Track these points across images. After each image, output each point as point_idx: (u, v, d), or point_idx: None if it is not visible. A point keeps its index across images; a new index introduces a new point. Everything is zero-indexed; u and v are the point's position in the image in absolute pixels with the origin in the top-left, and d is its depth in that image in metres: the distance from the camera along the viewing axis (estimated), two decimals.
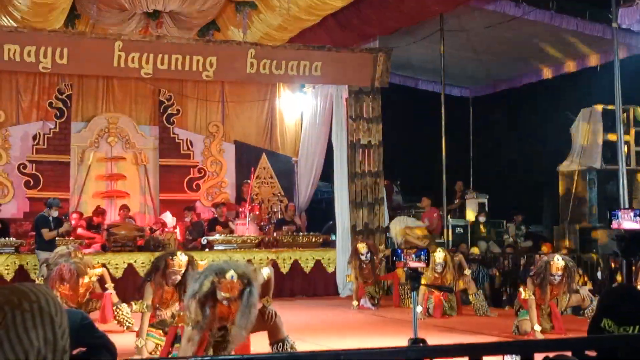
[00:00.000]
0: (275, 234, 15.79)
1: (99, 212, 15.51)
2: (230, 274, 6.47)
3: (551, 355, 2.97)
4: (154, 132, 17.15)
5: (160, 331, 8.46)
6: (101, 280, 10.60)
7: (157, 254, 10.60)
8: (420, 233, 14.87)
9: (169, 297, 8.42)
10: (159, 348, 8.25)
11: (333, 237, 15.69)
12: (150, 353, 8.20)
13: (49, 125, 16.30)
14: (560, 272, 9.53)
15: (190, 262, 8.29)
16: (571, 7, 14.22)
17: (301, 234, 16.03)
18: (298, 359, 2.94)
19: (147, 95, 17.15)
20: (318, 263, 15.42)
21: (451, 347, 3.33)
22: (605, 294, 3.42)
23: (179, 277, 8.22)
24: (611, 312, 3.01)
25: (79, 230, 14.81)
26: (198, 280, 6.61)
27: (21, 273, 13.33)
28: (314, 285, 15.39)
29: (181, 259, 8.23)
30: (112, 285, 10.58)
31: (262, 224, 16.28)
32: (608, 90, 12.86)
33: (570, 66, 16.56)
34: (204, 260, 10.16)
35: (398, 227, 14.92)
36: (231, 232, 15.44)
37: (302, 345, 7.68)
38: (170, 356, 7.63)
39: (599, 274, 12.39)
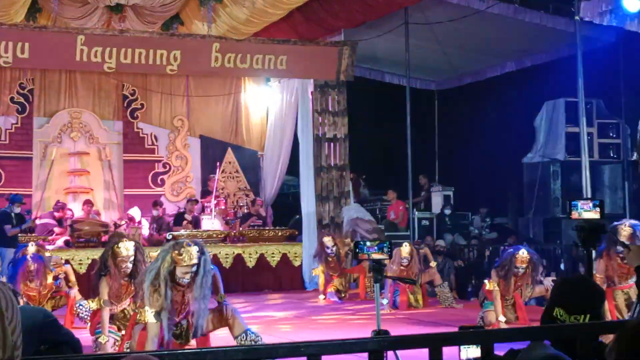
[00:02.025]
0: (241, 228, 15.77)
1: (59, 206, 15.35)
2: (187, 242, 6.87)
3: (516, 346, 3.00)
4: (117, 127, 17.02)
5: (115, 326, 8.47)
6: (65, 277, 10.54)
7: None
8: (369, 227, 14.99)
9: (123, 291, 8.44)
10: (117, 343, 8.24)
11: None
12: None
13: (11, 120, 16.11)
14: (524, 265, 9.64)
15: (137, 248, 8.37)
16: (534, 1, 14.32)
17: (267, 228, 16.02)
18: (257, 351, 2.94)
19: (110, 90, 16.99)
20: (284, 257, 15.44)
21: (411, 338, 3.36)
22: (558, 284, 3.46)
23: (129, 266, 8.27)
24: (563, 302, 3.06)
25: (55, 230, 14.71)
26: (157, 261, 6.79)
27: None
28: (281, 279, 15.40)
29: (127, 244, 8.27)
30: (76, 283, 10.54)
31: (227, 218, 16.24)
32: (571, 82, 12.98)
33: (534, 59, 16.70)
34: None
35: (349, 216, 15.07)
36: (195, 226, 15.40)
37: (268, 338, 7.68)
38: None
39: (562, 265, 12.53)
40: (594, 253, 6.43)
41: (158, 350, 5.30)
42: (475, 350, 2.97)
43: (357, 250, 4.94)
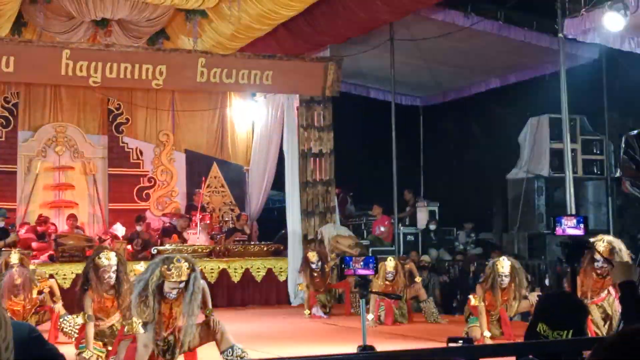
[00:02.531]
0: (226, 243, 15.75)
1: (42, 220, 15.28)
2: (177, 258, 6.86)
3: None
4: (102, 141, 16.98)
5: (100, 343, 8.45)
6: (50, 292, 10.50)
7: None
8: (351, 242, 15.04)
9: (109, 305, 8.43)
10: (100, 359, 8.23)
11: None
12: None
13: None
14: (507, 272, 9.70)
15: (119, 258, 8.42)
16: (518, 18, 14.44)
17: (252, 243, 16.01)
18: None
19: (95, 104, 16.97)
20: (269, 272, 15.43)
21: (400, 354, 3.38)
22: (541, 300, 3.49)
23: (112, 276, 8.29)
24: (546, 317, 3.08)
25: (33, 245, 14.62)
26: (147, 273, 6.80)
27: None
28: (266, 294, 15.39)
29: (108, 255, 8.31)
30: (60, 297, 10.50)
31: (213, 233, 16.22)
32: (555, 99, 13.07)
33: (518, 76, 16.80)
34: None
35: (329, 235, 15.12)
36: (184, 241, 15.37)
37: (254, 354, 7.69)
38: None
39: (546, 281, 12.59)
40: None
41: None
42: None
43: (343, 265, 4.96)
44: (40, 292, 10.15)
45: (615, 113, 15.87)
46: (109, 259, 8.30)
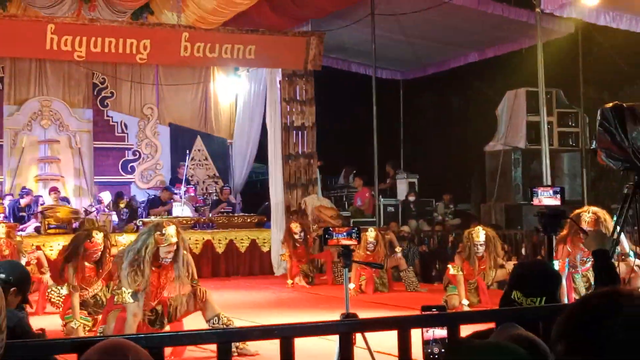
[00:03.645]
0: (210, 215, 15.76)
1: (24, 192, 15.18)
2: (165, 222, 7.06)
3: (482, 327, 3.05)
4: (87, 115, 16.90)
5: (85, 312, 8.49)
6: (37, 264, 10.51)
7: None
8: (332, 213, 15.10)
9: (92, 275, 8.53)
10: (86, 328, 8.27)
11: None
12: None
13: None
14: (482, 241, 9.80)
15: (106, 237, 8.59)
16: None
17: (236, 214, 16.03)
18: (233, 334, 2.97)
19: (80, 78, 16.85)
20: (253, 243, 15.47)
21: (381, 320, 3.42)
22: (516, 268, 3.52)
23: (98, 254, 8.41)
24: (520, 285, 3.11)
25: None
26: (137, 243, 6.84)
27: None
28: (250, 265, 15.44)
29: (97, 237, 8.42)
30: (48, 268, 10.52)
31: (197, 205, 16.21)
32: (532, 73, 13.11)
33: (496, 50, 16.81)
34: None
35: (312, 204, 15.17)
36: (168, 213, 15.36)
37: (239, 322, 7.72)
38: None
39: (523, 250, 12.69)
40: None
41: (134, 334, 5.30)
42: (440, 330, 3.01)
43: (327, 236, 4.98)
44: (28, 263, 10.14)
45: (591, 86, 15.95)
46: (99, 244, 8.43)
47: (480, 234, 9.89)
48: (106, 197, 15.59)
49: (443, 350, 2.92)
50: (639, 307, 1.26)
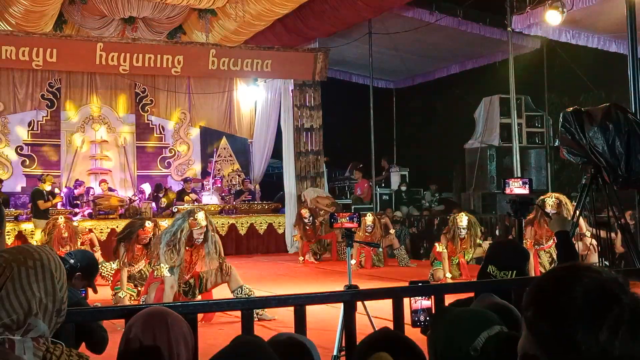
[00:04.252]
0: (234, 203, 15.77)
1: (78, 184, 15.24)
2: (196, 209, 7.08)
3: (463, 296, 3.05)
4: (131, 119, 16.89)
5: (132, 284, 8.53)
6: (90, 244, 10.56)
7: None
8: (328, 202, 15.08)
9: (139, 254, 8.55)
10: (132, 298, 8.31)
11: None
12: None
13: (42, 114, 15.93)
14: (465, 225, 9.79)
15: (155, 225, 8.63)
16: (474, 15, 14.38)
17: (256, 202, 16.03)
18: (255, 302, 2.98)
19: (125, 88, 16.83)
20: (270, 226, 15.48)
21: (379, 291, 3.42)
22: (491, 246, 3.51)
23: (148, 239, 8.44)
24: (494, 260, 3.10)
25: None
26: (173, 227, 6.87)
27: (20, 238, 13.12)
28: (267, 244, 15.45)
29: (148, 226, 8.43)
30: (99, 247, 10.57)
31: (223, 194, 16.22)
32: (504, 82, 13.07)
33: (474, 63, 16.77)
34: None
35: (310, 196, 15.18)
36: (197, 201, 15.36)
37: (258, 292, 7.74)
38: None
39: (497, 231, 12.67)
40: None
41: (172, 302, 5.32)
42: (426, 301, 3.01)
43: (332, 220, 4.97)
44: (82, 244, 10.19)
45: (554, 93, 15.89)
46: (149, 232, 8.45)
47: (463, 219, 9.86)
48: (147, 188, 15.62)
49: (428, 317, 2.92)
50: (595, 278, 1.27)
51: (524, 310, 1.31)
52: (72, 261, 4.31)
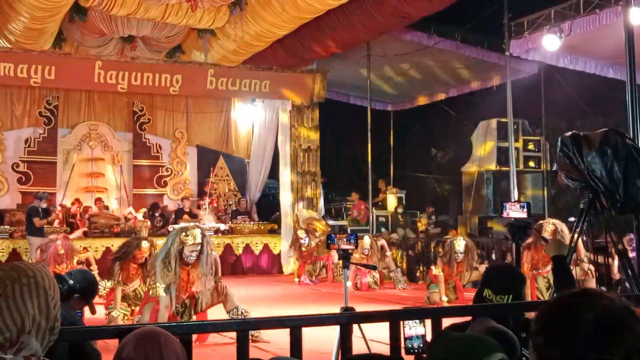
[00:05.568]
0: (230, 222, 15.72)
1: (74, 202, 15.20)
2: (191, 226, 7.00)
3: (458, 320, 3.03)
4: (128, 137, 16.87)
5: (125, 304, 8.48)
6: (86, 262, 10.50)
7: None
8: (321, 226, 15.05)
9: (134, 273, 8.49)
10: (126, 318, 8.25)
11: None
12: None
13: (39, 131, 15.90)
14: (462, 250, 9.76)
15: (152, 245, 8.52)
16: (472, 38, 14.48)
17: (252, 222, 15.99)
18: (250, 323, 2.96)
19: (122, 107, 16.84)
20: (266, 246, 15.42)
21: (375, 313, 3.39)
22: (487, 270, 3.49)
23: (144, 259, 8.39)
24: (490, 284, 3.08)
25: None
26: (167, 244, 6.81)
27: (14, 255, 13.05)
28: (263, 265, 15.38)
29: (144, 246, 8.37)
30: (96, 267, 10.52)
31: (219, 214, 16.17)
32: (502, 106, 13.12)
33: (472, 86, 16.84)
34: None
35: (302, 217, 15.17)
36: (195, 218, 15.30)
37: (253, 313, 7.68)
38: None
39: (493, 255, 12.63)
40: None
41: (166, 323, 5.28)
42: (420, 328, 2.97)
43: (329, 241, 4.95)
44: (79, 262, 10.14)
45: (551, 118, 15.96)
46: (146, 252, 8.40)
47: (460, 243, 9.83)
48: (139, 214, 15.56)
49: (422, 345, 2.89)
50: (605, 305, 1.25)
51: (534, 336, 1.29)
52: (71, 282, 4.25)
